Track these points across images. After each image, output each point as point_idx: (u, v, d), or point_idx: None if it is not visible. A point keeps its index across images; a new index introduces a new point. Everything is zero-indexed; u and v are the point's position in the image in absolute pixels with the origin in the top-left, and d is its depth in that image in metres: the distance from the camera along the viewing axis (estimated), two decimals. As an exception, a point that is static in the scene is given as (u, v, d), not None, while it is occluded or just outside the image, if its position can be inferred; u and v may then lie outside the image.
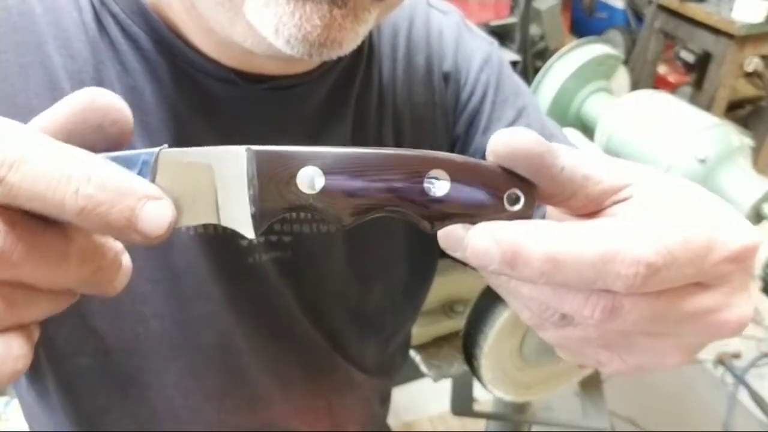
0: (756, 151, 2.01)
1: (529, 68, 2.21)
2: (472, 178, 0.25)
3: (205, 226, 0.46)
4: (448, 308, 1.32)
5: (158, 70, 0.43)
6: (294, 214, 0.49)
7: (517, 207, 0.25)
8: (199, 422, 0.55)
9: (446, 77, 0.54)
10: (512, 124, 0.54)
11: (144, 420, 0.53)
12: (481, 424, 1.33)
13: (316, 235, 0.51)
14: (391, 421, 0.83)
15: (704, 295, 0.25)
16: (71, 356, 0.48)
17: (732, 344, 2.01)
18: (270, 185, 0.23)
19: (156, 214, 0.21)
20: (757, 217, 1.13)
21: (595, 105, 1.43)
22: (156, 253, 0.45)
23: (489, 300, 0.83)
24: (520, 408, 1.17)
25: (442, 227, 0.25)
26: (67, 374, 0.50)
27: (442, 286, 1.32)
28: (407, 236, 0.57)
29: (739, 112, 2.69)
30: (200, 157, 0.23)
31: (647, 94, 1.32)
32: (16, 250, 0.20)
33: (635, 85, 1.99)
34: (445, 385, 1.16)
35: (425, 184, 0.24)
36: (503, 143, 0.24)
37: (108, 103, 0.22)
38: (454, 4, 0.60)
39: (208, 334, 0.50)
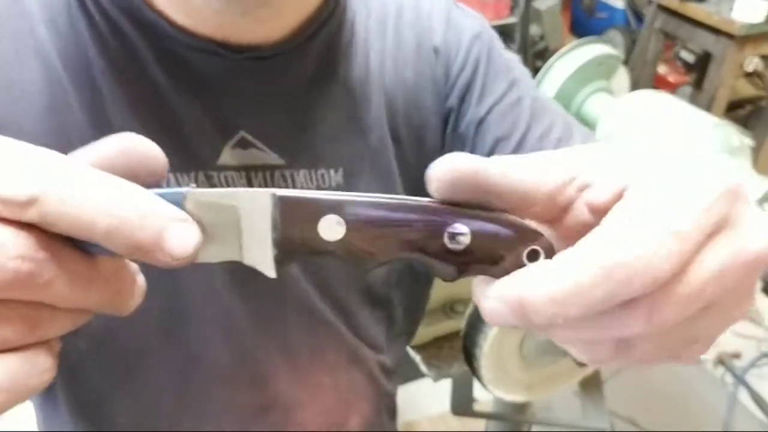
0: (756, 151, 2.01)
1: (529, 68, 2.20)
2: (492, 234, 0.25)
3: None
4: (448, 308, 1.32)
5: (138, 50, 0.44)
6: (290, 185, 0.50)
7: (537, 263, 0.25)
8: (205, 401, 0.55)
9: (436, 51, 0.55)
10: (505, 94, 0.55)
11: (148, 400, 0.54)
12: (481, 424, 1.33)
13: None
14: (391, 421, 0.82)
15: (720, 243, 0.24)
16: (71, 341, 0.48)
17: (732, 344, 2.01)
18: (293, 230, 0.24)
19: (183, 235, 0.22)
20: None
21: (595, 105, 1.43)
22: None
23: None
24: (520, 408, 1.17)
25: (461, 277, 0.26)
26: (67, 359, 0.50)
27: (442, 286, 1.32)
28: None
29: (739, 112, 2.69)
30: (227, 198, 0.24)
31: (647, 94, 1.32)
32: (46, 272, 0.21)
33: (635, 85, 1.99)
34: (445, 385, 1.16)
35: (446, 237, 0.25)
36: (437, 178, 0.24)
37: (146, 152, 0.24)
38: (454, 3, 0.60)
39: (209, 310, 0.50)
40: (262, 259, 0.25)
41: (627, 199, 0.24)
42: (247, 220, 0.24)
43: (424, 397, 1.69)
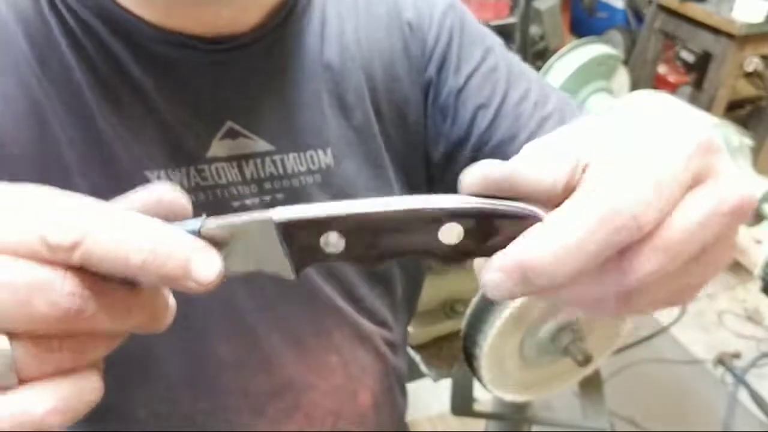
0: (756, 151, 2.00)
1: (529, 68, 2.20)
2: (485, 225, 0.25)
3: (194, 193, 0.48)
4: (448, 308, 1.32)
5: (115, 51, 0.45)
6: (281, 170, 0.51)
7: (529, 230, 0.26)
8: (218, 388, 0.55)
9: (410, 25, 0.56)
10: (481, 63, 0.56)
11: (164, 392, 0.54)
12: (481, 424, 1.33)
13: (309, 186, 0.52)
14: (391, 421, 0.82)
15: (701, 195, 0.25)
16: None
17: (732, 344, 2.01)
18: (299, 246, 0.26)
19: (206, 263, 0.25)
20: (757, 217, 1.13)
21: (595, 105, 1.43)
22: None
23: (489, 300, 0.83)
24: (520, 408, 1.18)
25: (462, 265, 0.27)
26: None
27: (442, 286, 1.32)
28: (399, 182, 0.58)
29: (739, 112, 2.69)
30: (236, 226, 0.26)
31: (647, 95, 1.32)
32: (91, 307, 0.24)
33: (635, 86, 1.99)
34: (445, 385, 1.16)
35: (440, 235, 0.26)
36: (469, 185, 0.26)
37: (174, 199, 0.27)
38: (453, 3, 0.61)
39: (212, 298, 0.51)
40: (281, 268, 0.27)
41: (605, 159, 0.26)
42: (259, 240, 0.26)
43: (424, 397, 1.69)
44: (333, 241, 0.26)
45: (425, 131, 0.57)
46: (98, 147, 0.45)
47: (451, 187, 0.26)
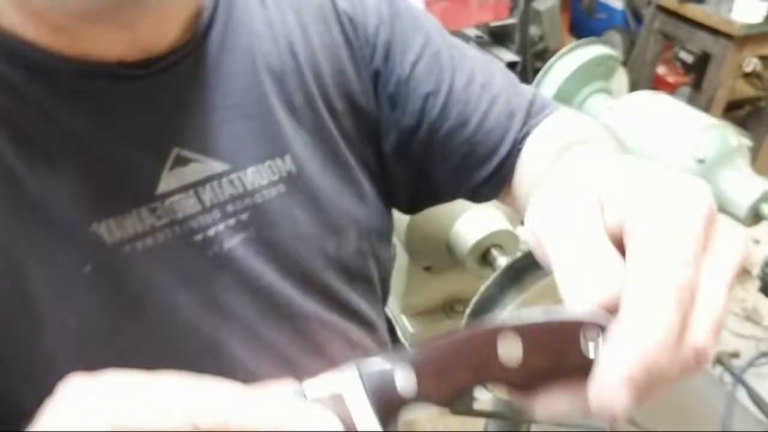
0: (754, 152, 2.01)
1: (528, 69, 2.21)
2: (543, 340, 0.26)
3: (151, 235, 0.44)
4: (448, 308, 1.32)
5: (33, 98, 0.41)
6: (241, 188, 0.48)
7: (592, 347, 0.26)
8: None
9: (347, 17, 0.54)
10: (424, 49, 0.56)
11: None
12: (481, 423, 1.34)
13: (273, 200, 0.49)
14: (392, 420, 0.82)
15: (717, 262, 0.27)
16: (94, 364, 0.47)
17: (730, 344, 2.02)
18: (382, 398, 0.28)
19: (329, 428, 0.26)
20: (755, 217, 1.13)
21: (594, 106, 1.43)
22: (112, 281, 0.43)
23: (489, 299, 0.83)
24: (520, 408, 1.17)
25: (531, 392, 0.28)
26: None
27: (442, 286, 1.33)
28: (365, 178, 0.57)
29: (738, 112, 2.69)
30: (331, 386, 0.28)
31: (646, 95, 1.32)
32: None
33: (634, 86, 1.99)
34: (445, 385, 1.16)
35: (500, 356, 0.26)
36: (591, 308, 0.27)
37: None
38: (453, 4, 0.61)
39: (193, 341, 0.48)
40: (371, 427, 0.28)
41: (641, 226, 0.27)
42: (351, 397, 0.28)
43: (424, 397, 1.69)
44: (407, 386, 0.28)
45: (378, 121, 0.56)
46: (32, 213, 0.40)
47: (405, 176, 0.26)
